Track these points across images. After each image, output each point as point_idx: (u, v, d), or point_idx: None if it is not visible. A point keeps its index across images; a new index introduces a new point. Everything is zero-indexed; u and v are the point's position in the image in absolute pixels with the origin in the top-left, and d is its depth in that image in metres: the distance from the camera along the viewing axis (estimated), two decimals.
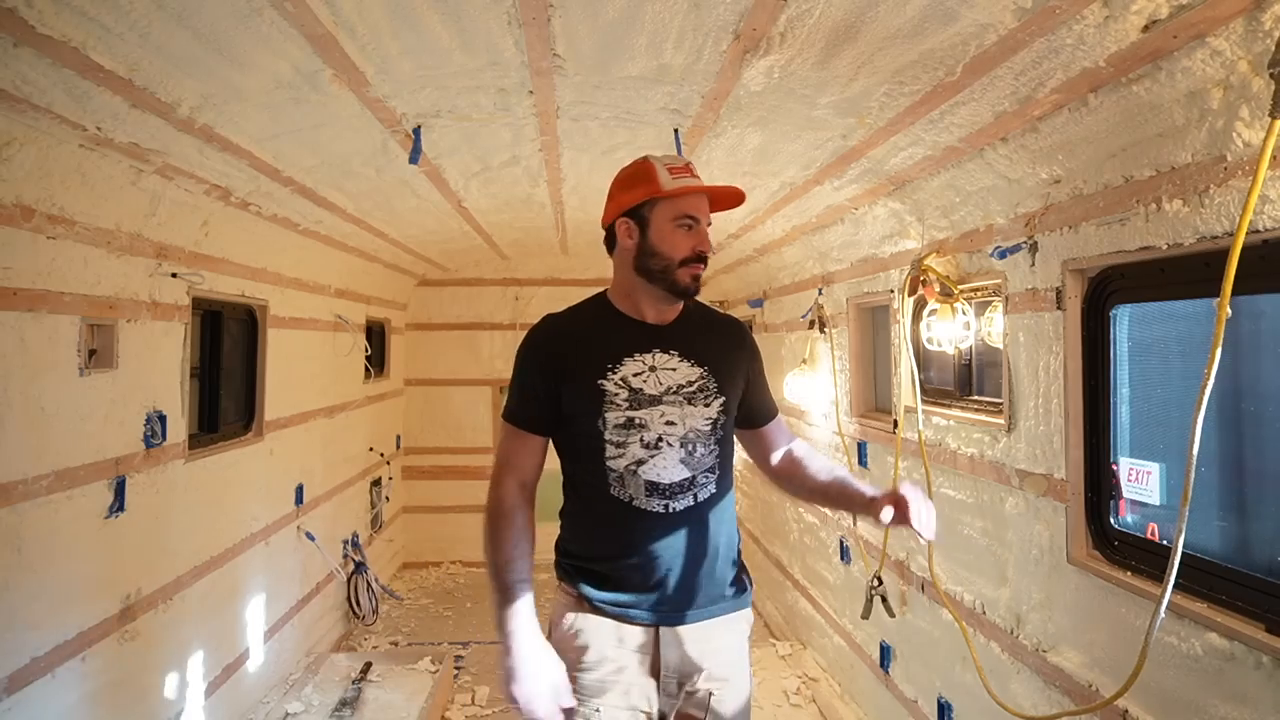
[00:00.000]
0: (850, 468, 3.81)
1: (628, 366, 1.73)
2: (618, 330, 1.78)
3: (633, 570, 1.72)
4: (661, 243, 1.73)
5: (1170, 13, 1.40)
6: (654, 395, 1.72)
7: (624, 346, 1.75)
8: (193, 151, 2.44)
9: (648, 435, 1.70)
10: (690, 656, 1.75)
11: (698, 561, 1.74)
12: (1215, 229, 1.59)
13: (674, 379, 1.74)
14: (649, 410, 1.71)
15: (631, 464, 1.70)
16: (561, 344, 1.77)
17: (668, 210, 1.73)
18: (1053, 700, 2.21)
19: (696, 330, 1.84)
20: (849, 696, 3.93)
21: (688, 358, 1.78)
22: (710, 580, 1.76)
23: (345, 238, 4.20)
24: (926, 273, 2.82)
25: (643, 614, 1.72)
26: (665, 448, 1.71)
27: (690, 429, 1.73)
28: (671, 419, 1.72)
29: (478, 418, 6.72)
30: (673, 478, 1.70)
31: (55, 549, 2.34)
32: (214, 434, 3.47)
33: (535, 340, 1.81)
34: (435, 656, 4.21)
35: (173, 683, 3.00)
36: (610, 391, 1.71)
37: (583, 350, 1.75)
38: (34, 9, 1.53)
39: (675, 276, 1.73)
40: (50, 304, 2.29)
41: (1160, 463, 2.01)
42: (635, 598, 1.72)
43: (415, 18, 1.73)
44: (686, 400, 1.74)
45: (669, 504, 1.70)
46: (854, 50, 1.83)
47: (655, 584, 1.72)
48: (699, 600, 1.75)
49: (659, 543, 1.71)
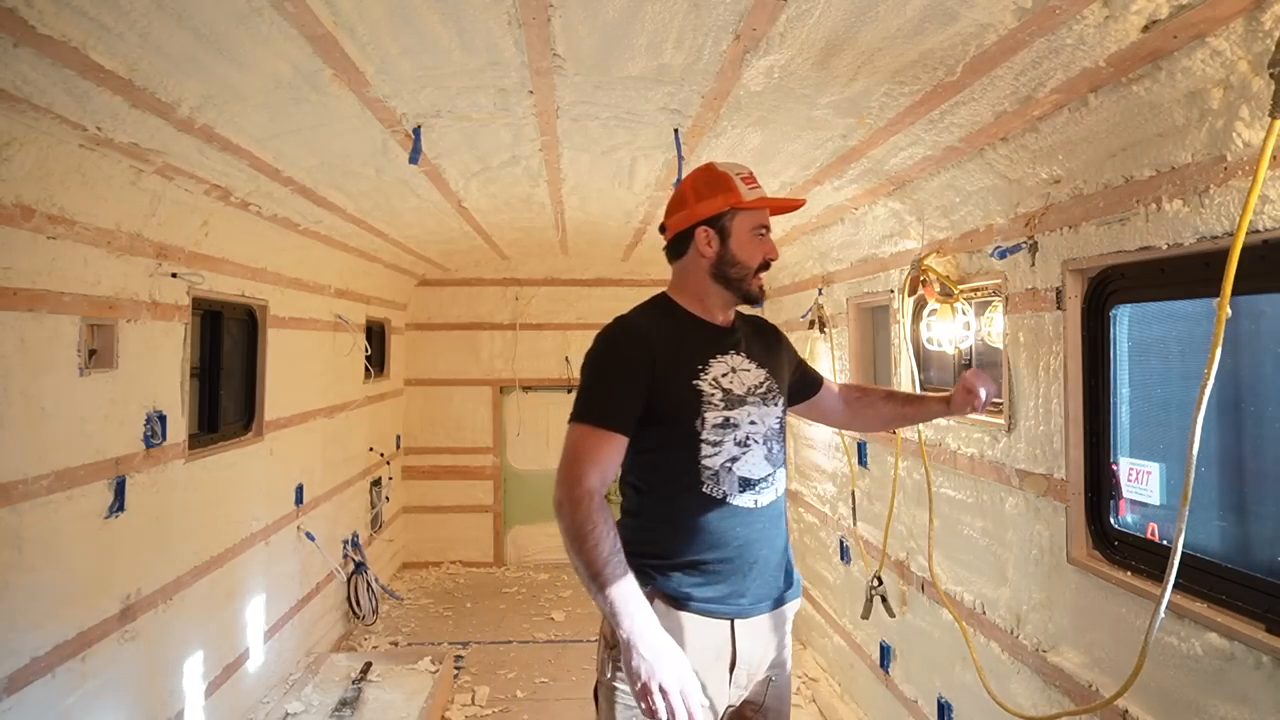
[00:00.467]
0: (850, 468, 3.81)
1: (715, 368, 1.81)
2: (697, 333, 1.86)
3: (723, 563, 1.75)
4: (741, 251, 1.83)
5: (1170, 13, 1.40)
6: (740, 395, 1.81)
7: (709, 348, 1.83)
8: (193, 151, 2.44)
9: (739, 434, 1.78)
10: (761, 646, 1.82)
11: (776, 553, 1.84)
12: (1215, 229, 1.59)
13: (750, 380, 1.84)
14: (739, 410, 1.79)
15: (726, 461, 1.76)
16: (650, 345, 1.77)
17: (747, 221, 1.83)
18: (1053, 700, 2.21)
19: (751, 335, 1.95)
20: (849, 696, 3.93)
21: (753, 360, 1.88)
22: (781, 570, 1.86)
23: (345, 238, 4.20)
24: (926, 273, 2.82)
25: (725, 607, 1.76)
26: (753, 444, 1.80)
27: (768, 427, 1.83)
28: (754, 418, 1.81)
29: (478, 418, 6.72)
30: (760, 473, 1.79)
31: (55, 549, 2.34)
32: (214, 434, 3.47)
33: (623, 342, 1.80)
34: (435, 656, 4.22)
35: (173, 683, 3.00)
36: (706, 392, 1.77)
37: (672, 352, 1.78)
38: (34, 9, 1.53)
39: (750, 284, 1.85)
40: (50, 304, 2.29)
41: (1160, 463, 2.01)
42: (720, 590, 1.75)
43: (415, 18, 1.73)
44: (762, 400, 1.84)
45: (757, 499, 1.79)
46: (854, 50, 1.83)
47: (742, 576, 1.77)
48: (773, 590, 1.83)
49: (750, 536, 1.77)
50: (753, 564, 1.78)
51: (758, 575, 1.79)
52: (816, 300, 4.17)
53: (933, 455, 2.94)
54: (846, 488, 3.87)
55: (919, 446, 2.94)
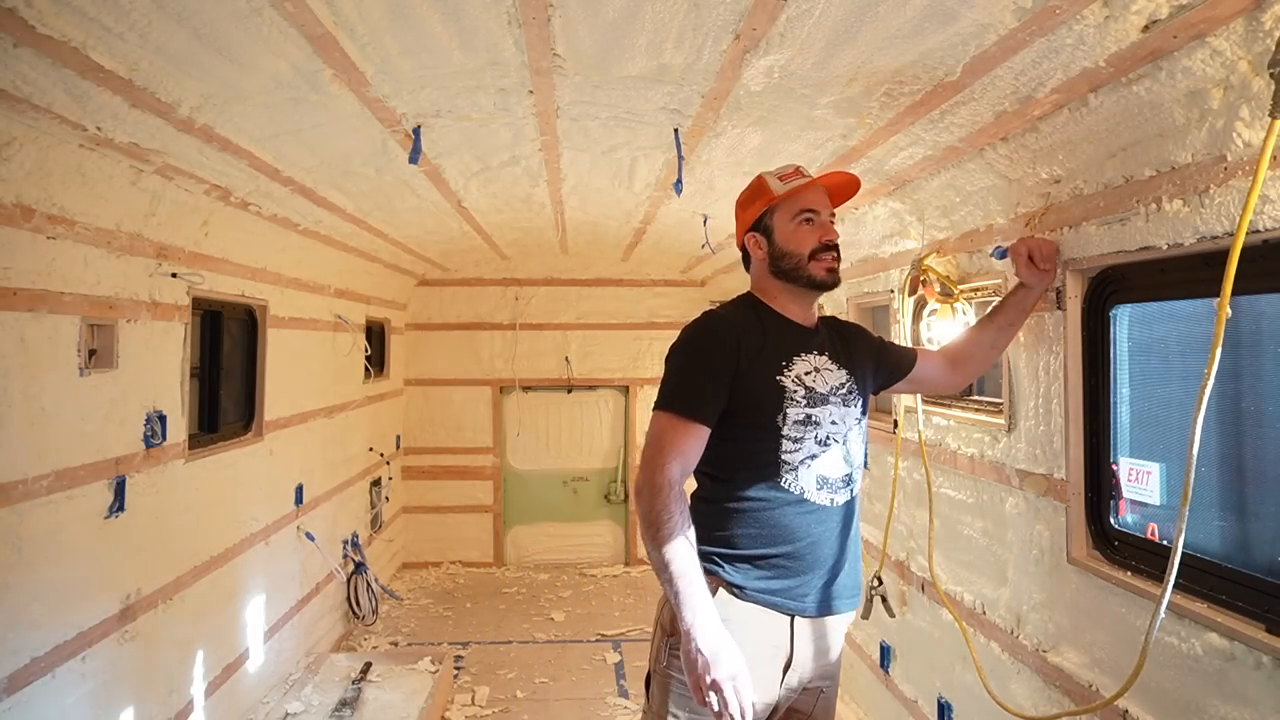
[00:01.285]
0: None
1: (798, 366, 1.82)
2: (780, 330, 1.87)
3: (794, 559, 1.76)
4: (788, 242, 1.86)
5: (1170, 13, 1.40)
6: (823, 394, 1.81)
7: (793, 346, 1.84)
8: (193, 151, 2.44)
9: (820, 432, 1.79)
10: (819, 651, 1.81)
11: (847, 555, 1.84)
12: (1215, 229, 1.59)
13: (833, 380, 1.85)
14: (821, 408, 1.80)
15: (806, 458, 1.77)
16: (736, 339, 1.80)
17: (786, 211, 1.87)
18: (1053, 700, 2.20)
19: (834, 336, 1.97)
20: (849, 696, 3.93)
21: (836, 361, 1.89)
22: (851, 575, 1.86)
23: (345, 237, 4.20)
24: (926, 272, 2.82)
25: (789, 603, 1.76)
26: (833, 444, 1.80)
27: (849, 428, 1.85)
28: (835, 418, 1.82)
29: (478, 418, 6.72)
30: (838, 473, 1.81)
31: (55, 549, 2.34)
32: (214, 434, 3.47)
33: (710, 335, 1.83)
34: (435, 656, 4.21)
35: (173, 683, 3.00)
36: (789, 388, 1.78)
37: (756, 346, 1.81)
38: (34, 9, 1.53)
39: (809, 270, 1.85)
40: (50, 304, 2.29)
41: (1160, 463, 2.01)
42: (785, 585, 1.76)
43: (415, 17, 1.73)
44: (843, 401, 1.85)
45: (834, 497, 1.80)
46: (854, 50, 1.83)
47: (810, 573, 1.77)
48: (841, 593, 1.83)
49: (821, 534, 1.78)
50: (820, 563, 1.79)
51: (824, 575, 1.79)
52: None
53: (933, 455, 2.94)
54: None
55: (919, 447, 2.94)
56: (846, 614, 1.88)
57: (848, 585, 1.86)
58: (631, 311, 6.74)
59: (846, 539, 1.85)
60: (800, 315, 1.92)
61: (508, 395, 6.76)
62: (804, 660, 1.80)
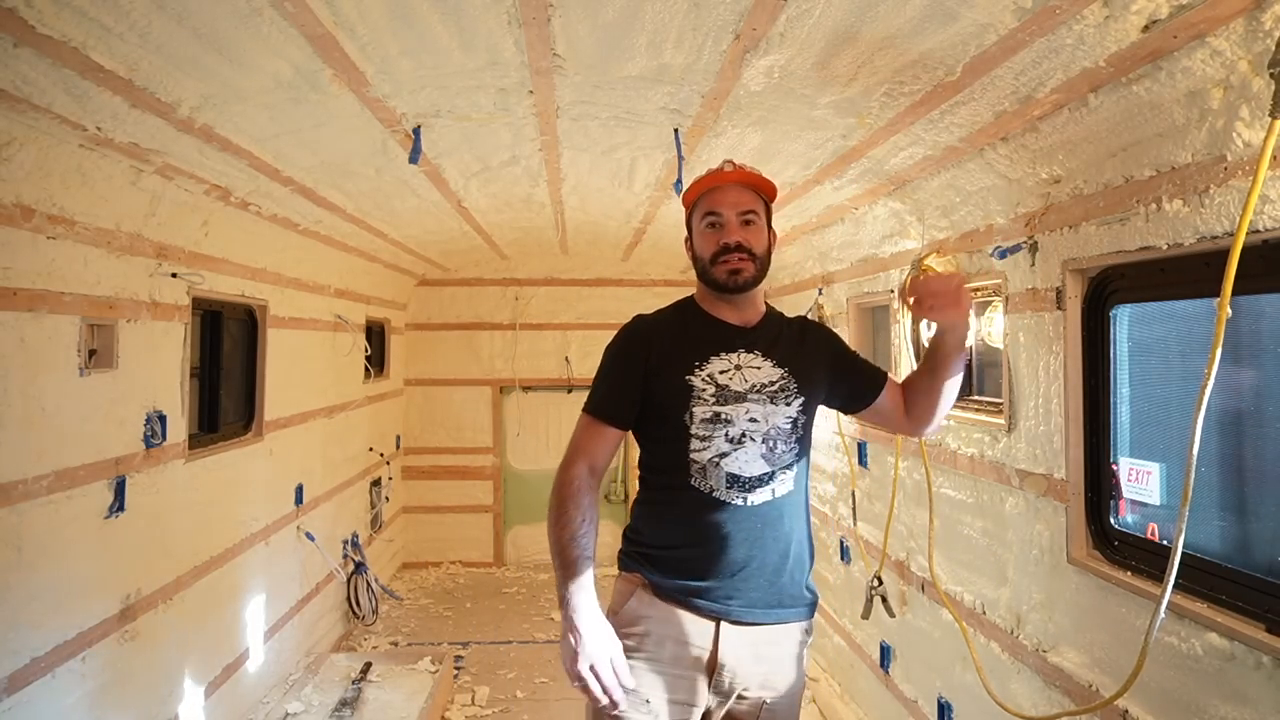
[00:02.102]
0: (850, 467, 3.81)
1: (714, 365, 1.80)
2: (704, 330, 1.87)
3: (706, 559, 1.76)
4: (699, 246, 1.87)
5: (1170, 13, 1.40)
6: (740, 392, 1.79)
7: (711, 345, 1.83)
8: (193, 151, 2.43)
9: (733, 430, 1.76)
10: (748, 658, 1.77)
11: (769, 558, 1.78)
12: (1215, 229, 1.59)
13: (758, 377, 1.81)
14: (735, 406, 1.78)
15: (715, 456, 1.76)
16: (650, 341, 1.85)
17: (698, 217, 1.87)
18: (1053, 700, 2.20)
19: (781, 334, 1.91)
20: (849, 696, 3.93)
21: (769, 358, 1.84)
22: (779, 582, 1.79)
23: (345, 237, 4.20)
24: (926, 273, 2.82)
25: (709, 604, 1.75)
26: (749, 442, 1.77)
27: (772, 426, 1.79)
28: (755, 416, 1.78)
29: (478, 418, 6.72)
30: (753, 471, 1.76)
31: (55, 549, 2.34)
32: (214, 434, 3.47)
33: (625, 338, 1.90)
34: (435, 657, 4.21)
35: (173, 683, 3.00)
36: (698, 387, 1.78)
37: (671, 347, 1.83)
38: (34, 9, 1.53)
39: (713, 274, 1.83)
40: (50, 304, 2.29)
41: (1160, 463, 2.01)
42: (704, 585, 1.75)
43: (415, 17, 1.73)
44: (769, 399, 1.80)
45: (748, 497, 1.76)
46: (854, 50, 1.83)
47: (726, 575, 1.75)
48: (766, 600, 1.78)
49: (735, 533, 1.75)
50: (743, 566, 1.75)
51: (751, 580, 1.76)
52: (816, 300, 4.17)
53: (933, 455, 2.94)
54: (846, 488, 3.87)
55: (919, 446, 2.94)
56: (791, 625, 1.82)
57: (786, 595, 1.80)
58: (632, 311, 6.68)
59: (774, 542, 1.78)
60: (733, 315, 1.87)
61: (508, 395, 6.76)
62: (735, 666, 1.76)
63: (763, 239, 1.85)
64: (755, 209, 1.84)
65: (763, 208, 1.87)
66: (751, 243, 1.81)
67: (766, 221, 1.88)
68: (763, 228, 1.86)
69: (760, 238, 1.84)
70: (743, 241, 1.80)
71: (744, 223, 1.82)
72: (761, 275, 1.85)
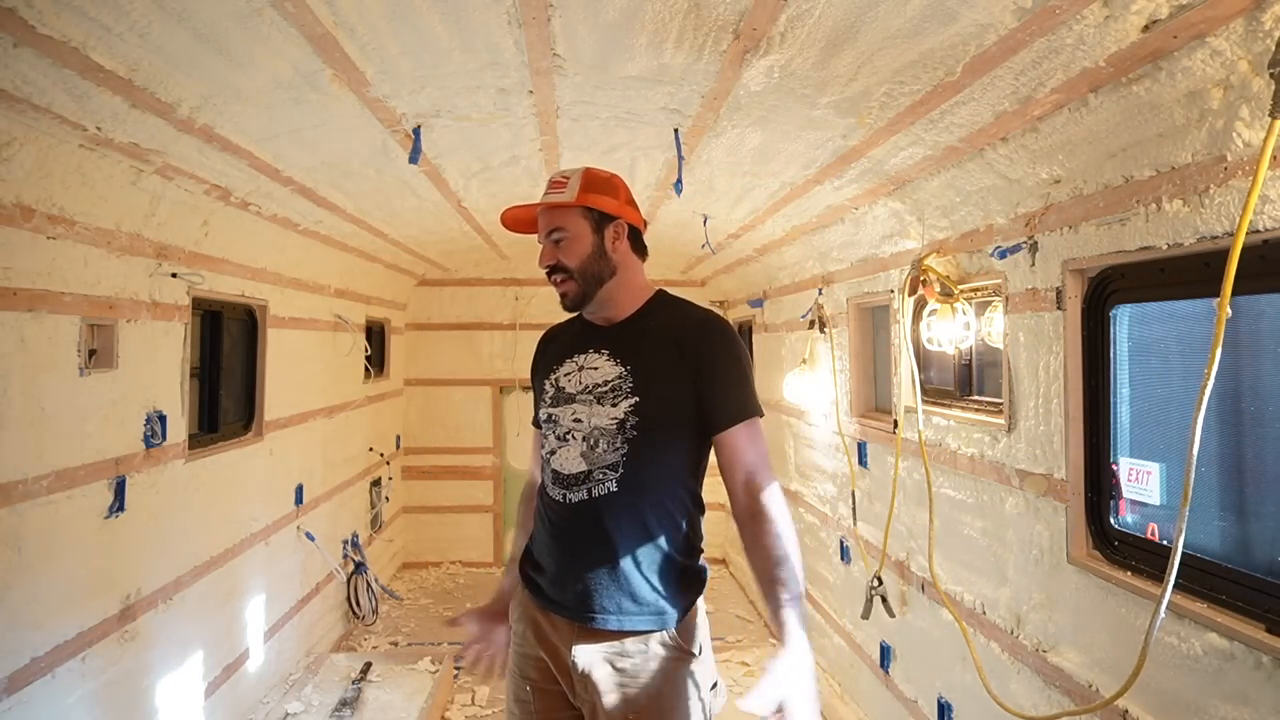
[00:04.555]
0: (850, 468, 3.81)
1: (564, 367, 1.86)
2: (578, 333, 1.92)
3: (540, 548, 1.86)
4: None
5: (1170, 13, 1.40)
6: (570, 394, 1.82)
7: (573, 348, 1.88)
8: (193, 151, 2.43)
9: (559, 429, 1.82)
10: (596, 662, 1.71)
11: (593, 559, 1.73)
12: (1215, 229, 1.59)
13: (592, 379, 1.80)
14: (564, 407, 1.82)
15: (548, 454, 1.84)
16: (545, 349, 1.99)
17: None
18: (1053, 700, 2.21)
19: (643, 331, 1.82)
20: (849, 696, 3.93)
21: (615, 358, 1.79)
22: (614, 585, 1.71)
23: (345, 238, 4.20)
24: (926, 273, 2.82)
25: (552, 604, 1.79)
26: (571, 441, 1.80)
27: (594, 426, 1.76)
28: (579, 416, 1.80)
29: (478, 418, 6.72)
30: (571, 469, 1.78)
31: (55, 549, 2.34)
32: (214, 434, 3.47)
33: (536, 347, 2.04)
34: (435, 657, 4.22)
35: (173, 683, 3.00)
36: (546, 390, 1.87)
37: (551, 353, 1.94)
38: (34, 9, 1.53)
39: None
40: (50, 304, 2.29)
41: (1160, 463, 2.01)
42: (538, 572, 1.85)
43: (415, 17, 1.73)
44: (596, 400, 1.77)
45: (567, 494, 1.78)
46: (854, 50, 1.83)
47: (555, 573, 1.80)
48: (602, 604, 1.71)
49: (556, 531, 1.81)
50: (562, 560, 1.78)
51: (568, 575, 1.75)
52: (816, 300, 4.17)
53: (933, 455, 2.94)
54: (846, 488, 3.87)
55: (919, 447, 2.94)
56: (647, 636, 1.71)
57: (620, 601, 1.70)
58: None
59: (596, 543, 1.72)
60: (597, 316, 1.86)
61: (508, 395, 6.76)
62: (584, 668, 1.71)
63: (577, 249, 1.78)
64: (561, 224, 1.78)
65: (576, 214, 1.78)
66: (564, 259, 1.78)
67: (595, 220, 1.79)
68: (576, 236, 1.78)
69: (573, 250, 1.77)
70: (554, 263, 1.79)
71: (554, 243, 1.79)
72: (590, 282, 1.78)
